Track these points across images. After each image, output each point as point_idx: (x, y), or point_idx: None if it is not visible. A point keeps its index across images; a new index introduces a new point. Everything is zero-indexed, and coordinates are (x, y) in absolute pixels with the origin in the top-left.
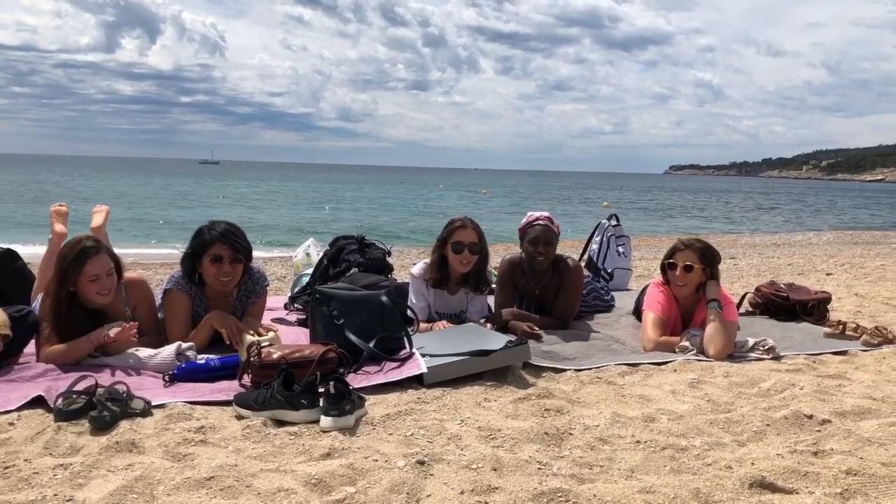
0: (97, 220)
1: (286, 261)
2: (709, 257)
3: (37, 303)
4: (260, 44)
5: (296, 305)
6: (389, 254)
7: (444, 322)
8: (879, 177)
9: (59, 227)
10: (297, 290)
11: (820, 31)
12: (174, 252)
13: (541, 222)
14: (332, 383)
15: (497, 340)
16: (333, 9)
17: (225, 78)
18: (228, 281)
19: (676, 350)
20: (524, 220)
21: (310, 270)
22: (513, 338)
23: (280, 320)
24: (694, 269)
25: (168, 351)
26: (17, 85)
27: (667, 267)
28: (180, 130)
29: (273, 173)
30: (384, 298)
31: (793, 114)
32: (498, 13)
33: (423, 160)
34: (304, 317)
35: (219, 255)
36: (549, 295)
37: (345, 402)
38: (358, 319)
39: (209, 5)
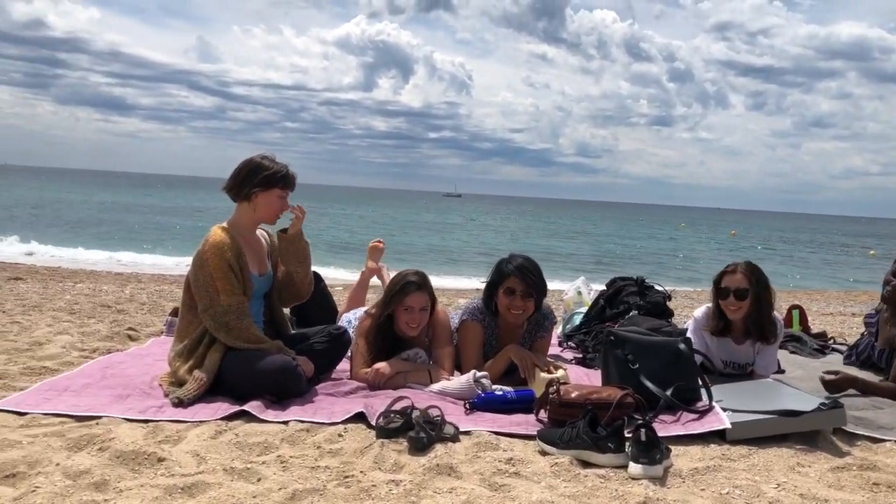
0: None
1: (552, 296)
2: None
3: (343, 322)
4: (504, 82)
5: (570, 343)
6: (670, 298)
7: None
8: None
9: (370, 263)
10: (569, 327)
11: None
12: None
13: None
14: (642, 430)
15: (805, 401)
16: (577, 46)
17: (470, 115)
18: (520, 314)
19: None
20: None
21: (581, 309)
22: (825, 400)
23: (556, 356)
24: None
25: (466, 378)
26: (289, 121)
27: None
28: (426, 164)
29: (511, 208)
30: (682, 346)
31: None
32: (750, 47)
33: (662, 197)
34: (581, 356)
35: (511, 287)
36: None
37: (655, 451)
38: (653, 365)
39: (458, 46)
